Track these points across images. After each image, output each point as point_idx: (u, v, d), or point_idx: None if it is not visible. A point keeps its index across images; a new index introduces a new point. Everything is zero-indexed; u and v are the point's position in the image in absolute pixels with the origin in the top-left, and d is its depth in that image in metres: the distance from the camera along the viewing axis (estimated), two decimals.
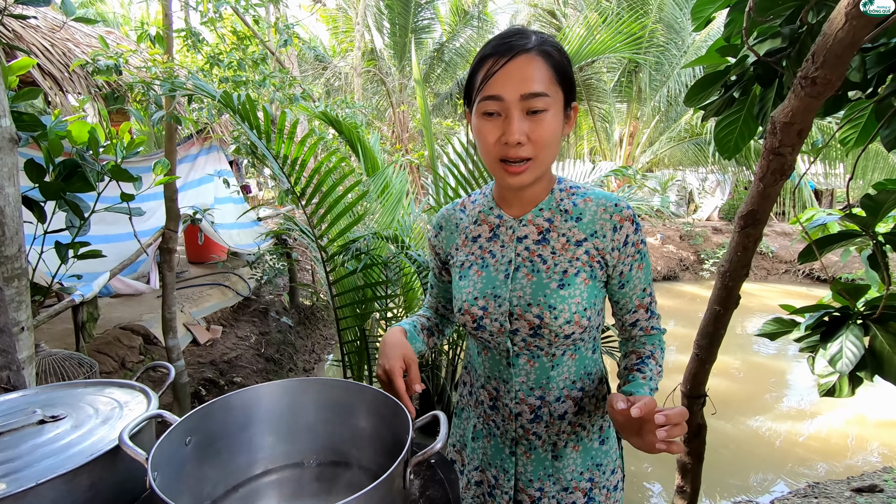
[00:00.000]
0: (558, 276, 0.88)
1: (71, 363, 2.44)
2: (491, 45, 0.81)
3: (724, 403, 4.20)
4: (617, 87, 9.65)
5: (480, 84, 0.80)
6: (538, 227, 0.92)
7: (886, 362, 1.20)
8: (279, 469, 0.82)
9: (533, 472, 0.97)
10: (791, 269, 8.97)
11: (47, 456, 0.65)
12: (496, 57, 0.79)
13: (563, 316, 0.86)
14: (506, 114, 0.79)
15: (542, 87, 0.78)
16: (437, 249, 1.04)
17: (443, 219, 1.03)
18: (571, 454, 0.97)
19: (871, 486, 2.82)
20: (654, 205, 6.98)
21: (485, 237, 0.96)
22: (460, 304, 0.94)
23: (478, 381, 1.02)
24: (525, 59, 0.78)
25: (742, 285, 1.39)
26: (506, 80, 0.78)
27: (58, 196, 1.50)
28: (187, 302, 4.60)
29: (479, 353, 0.99)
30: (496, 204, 0.96)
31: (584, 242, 0.89)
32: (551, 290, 0.87)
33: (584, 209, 0.90)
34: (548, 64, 0.79)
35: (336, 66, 10.17)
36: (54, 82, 3.07)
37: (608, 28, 3.22)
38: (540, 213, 0.92)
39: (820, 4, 0.99)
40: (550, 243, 0.90)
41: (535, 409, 0.95)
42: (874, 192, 1.15)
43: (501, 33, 0.83)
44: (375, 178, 2.78)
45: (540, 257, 0.90)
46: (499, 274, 0.92)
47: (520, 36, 0.80)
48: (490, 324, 0.91)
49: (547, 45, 0.80)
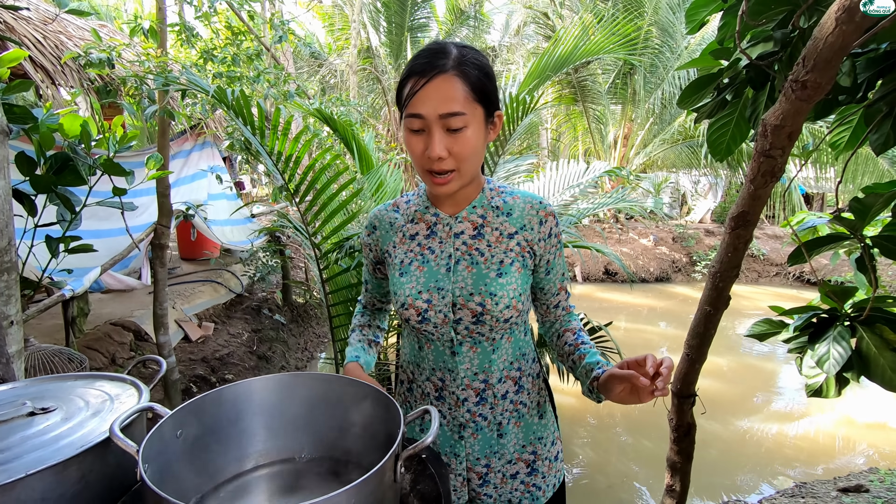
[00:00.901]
0: (496, 266, 0.96)
1: (60, 358, 2.42)
2: (413, 63, 0.86)
3: (713, 404, 4.24)
4: (612, 88, 9.69)
5: (405, 101, 0.86)
6: (473, 224, 1.00)
7: (873, 363, 1.22)
8: (270, 463, 0.82)
9: (480, 450, 1.04)
10: (781, 272, 9.05)
11: (37, 448, 0.65)
12: (416, 77, 0.84)
13: (502, 301, 0.94)
14: (428, 130, 0.85)
15: (459, 106, 0.84)
16: (372, 248, 1.09)
17: (375, 219, 1.08)
18: (514, 430, 1.05)
19: (857, 487, 2.86)
20: (648, 206, 7.01)
21: (423, 234, 1.02)
22: (403, 299, 0.99)
23: (421, 374, 1.06)
24: (442, 80, 0.83)
25: (732, 286, 1.40)
26: (425, 100, 0.83)
27: (49, 189, 1.49)
28: (179, 298, 4.58)
29: (422, 347, 1.04)
30: (431, 204, 1.03)
31: (516, 235, 0.98)
32: (491, 279, 0.95)
33: (514, 205, 1.00)
34: (465, 83, 0.84)
35: (332, 63, 10.14)
36: (46, 75, 3.04)
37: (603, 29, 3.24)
38: (473, 211, 1.00)
39: (811, 9, 1.00)
40: (486, 237, 0.98)
41: (479, 393, 1.01)
42: (863, 195, 1.17)
43: (424, 50, 0.87)
44: (370, 177, 2.77)
45: (478, 250, 0.98)
46: (440, 268, 0.98)
47: (440, 55, 0.85)
48: (434, 315, 0.97)
49: (466, 65, 0.85)
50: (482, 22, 10.85)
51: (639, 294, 8.24)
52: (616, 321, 6.76)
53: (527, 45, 12.65)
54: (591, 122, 10.01)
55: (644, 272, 8.98)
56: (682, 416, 1.59)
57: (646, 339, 6.28)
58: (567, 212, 3.08)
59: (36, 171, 1.47)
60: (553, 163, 3.49)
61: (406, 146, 0.91)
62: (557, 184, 3.29)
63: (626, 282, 8.55)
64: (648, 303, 7.89)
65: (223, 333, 4.58)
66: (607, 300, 7.99)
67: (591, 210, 3.16)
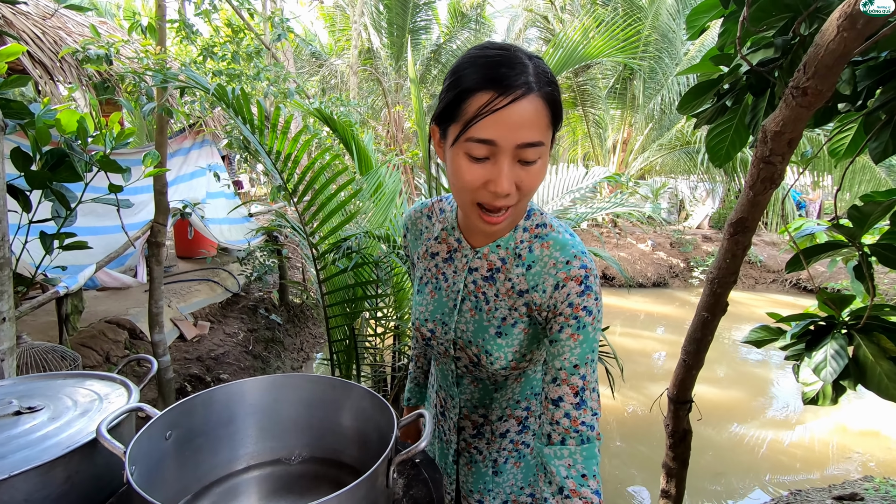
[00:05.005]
0: (496, 323, 0.85)
1: (53, 356, 2.40)
2: (482, 76, 0.68)
3: (709, 410, 4.23)
4: (611, 93, 9.72)
5: (471, 120, 0.68)
6: (490, 264, 0.86)
7: (869, 372, 1.21)
8: (262, 465, 0.81)
9: (473, 483, 0.98)
10: (778, 279, 9.06)
11: (22, 447, 0.64)
12: (495, 94, 0.66)
13: (498, 362, 0.85)
14: (495, 159, 0.69)
15: (540, 135, 0.69)
16: (408, 251, 1.02)
17: (409, 220, 0.99)
18: (512, 470, 0.97)
19: (852, 495, 2.86)
20: (647, 211, 7.03)
21: (442, 257, 0.93)
22: (414, 319, 0.96)
23: (434, 384, 1.05)
24: (528, 103, 0.67)
25: (730, 292, 1.40)
26: (502, 124, 0.66)
27: (44, 185, 1.47)
28: (175, 297, 4.55)
29: (435, 361, 1.02)
30: (458, 226, 0.90)
31: (525, 294, 0.82)
32: (489, 336, 0.85)
33: (538, 258, 0.82)
34: (548, 108, 0.69)
35: (332, 63, 10.14)
36: (44, 70, 3.03)
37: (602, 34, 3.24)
38: (496, 250, 0.85)
39: (812, 16, 1.00)
40: (496, 284, 0.85)
41: (477, 426, 0.96)
42: (861, 203, 1.16)
43: (492, 59, 0.69)
44: (369, 177, 2.76)
45: (484, 295, 0.86)
46: (448, 301, 0.91)
47: (520, 69, 0.68)
48: (437, 346, 0.94)
49: (546, 83, 0.69)
50: (484, 25, 10.87)
51: (636, 299, 8.24)
52: (613, 326, 6.75)
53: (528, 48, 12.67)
54: (591, 127, 10.03)
55: (641, 277, 8.98)
56: (678, 422, 1.59)
57: (643, 345, 6.28)
58: (566, 216, 3.08)
59: (31, 167, 1.45)
60: (552, 167, 3.49)
61: (454, 172, 0.73)
62: (556, 188, 3.30)
63: (623, 286, 8.55)
64: (646, 308, 7.89)
65: (219, 333, 4.56)
66: (605, 305, 7.95)
67: (590, 214, 3.16)
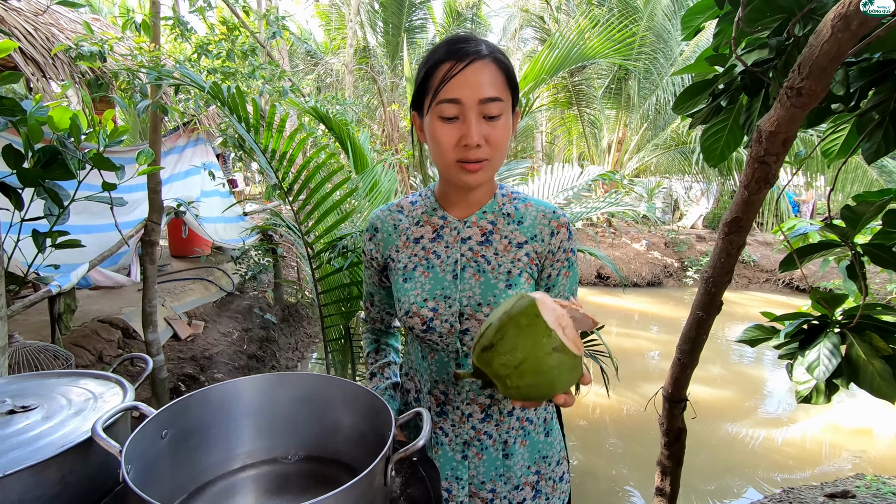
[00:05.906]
0: (504, 277, 0.91)
1: (46, 355, 2.39)
2: (443, 51, 0.83)
3: (704, 408, 4.26)
4: (607, 93, 9.75)
5: (438, 87, 0.82)
6: (482, 229, 0.95)
7: (862, 371, 1.22)
8: (258, 464, 0.81)
9: (485, 473, 0.97)
10: (772, 279, 9.13)
11: (15, 447, 0.63)
12: (453, 61, 0.81)
13: None
14: (464, 117, 0.82)
15: (497, 91, 0.82)
16: (374, 254, 1.01)
17: (378, 220, 1.01)
18: (520, 449, 0.98)
19: (844, 492, 2.88)
20: (641, 211, 7.03)
21: (428, 238, 0.96)
22: (408, 307, 0.93)
23: (424, 386, 1.00)
24: (481, 65, 0.81)
25: (724, 292, 1.41)
26: (464, 84, 0.80)
27: (36, 183, 1.46)
28: (169, 296, 4.53)
29: (425, 357, 0.97)
30: (440, 205, 0.97)
31: (525, 245, 0.93)
32: (500, 290, 0.91)
33: (525, 213, 0.95)
34: (500, 70, 0.83)
35: (328, 62, 10.11)
36: (37, 67, 3.00)
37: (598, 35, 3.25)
38: (483, 216, 0.95)
39: (807, 17, 1.01)
40: (493, 244, 0.93)
41: (485, 409, 0.95)
42: (854, 203, 1.17)
43: (451, 39, 0.85)
44: (364, 176, 2.76)
45: (484, 258, 0.93)
46: (446, 274, 0.93)
47: (473, 42, 0.84)
48: (440, 325, 0.91)
49: (497, 53, 0.85)
50: (479, 25, 10.87)
51: (631, 298, 8.28)
52: (608, 325, 6.78)
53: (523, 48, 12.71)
54: (586, 127, 10.07)
55: (636, 276, 9.02)
56: (672, 421, 1.60)
57: (637, 344, 6.30)
58: None
59: (23, 164, 1.44)
60: (548, 166, 3.50)
61: (432, 137, 0.85)
62: (552, 187, 3.30)
63: (618, 286, 8.59)
64: (640, 307, 7.92)
65: (213, 332, 4.53)
66: (599, 304, 8.01)
67: (585, 214, 3.17)
